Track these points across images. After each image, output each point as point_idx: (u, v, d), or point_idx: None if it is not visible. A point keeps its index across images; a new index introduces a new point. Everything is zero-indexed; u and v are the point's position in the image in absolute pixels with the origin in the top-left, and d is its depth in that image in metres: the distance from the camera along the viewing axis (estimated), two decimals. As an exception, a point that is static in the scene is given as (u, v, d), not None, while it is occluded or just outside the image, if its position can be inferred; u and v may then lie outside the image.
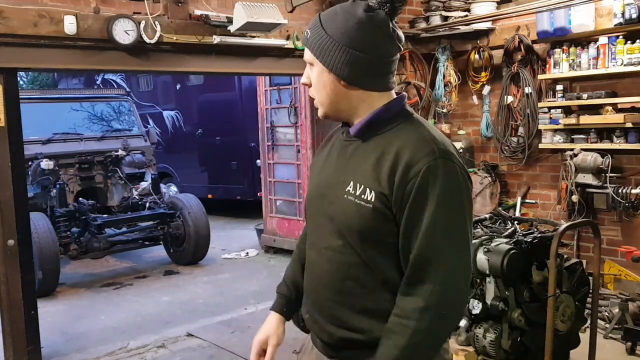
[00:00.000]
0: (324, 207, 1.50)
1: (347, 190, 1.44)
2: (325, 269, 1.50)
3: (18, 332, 3.96)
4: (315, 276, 1.54)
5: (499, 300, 3.05)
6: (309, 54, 1.49)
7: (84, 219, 6.56)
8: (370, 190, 1.40)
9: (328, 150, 1.59)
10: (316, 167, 1.62)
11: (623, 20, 4.54)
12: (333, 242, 1.47)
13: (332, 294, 1.48)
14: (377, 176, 1.40)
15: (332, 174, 1.51)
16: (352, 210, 1.42)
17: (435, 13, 5.74)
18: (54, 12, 3.88)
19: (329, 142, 1.63)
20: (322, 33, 1.44)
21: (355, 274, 1.44)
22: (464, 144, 6.08)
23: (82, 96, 8.34)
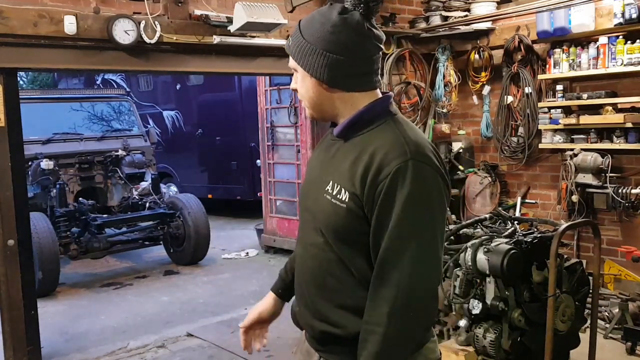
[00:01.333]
0: (309, 205, 1.57)
1: (326, 189, 1.48)
2: (310, 264, 1.55)
3: (18, 332, 3.96)
4: (302, 271, 1.60)
5: (499, 300, 3.05)
6: (292, 61, 1.54)
7: (84, 219, 6.56)
8: (345, 191, 1.43)
9: (319, 150, 1.65)
10: (309, 166, 1.68)
11: (623, 20, 4.54)
12: (316, 239, 1.52)
13: (315, 288, 1.54)
14: (351, 177, 1.42)
15: (317, 173, 1.57)
16: (329, 210, 1.46)
17: (435, 13, 5.74)
18: (54, 12, 3.88)
19: (323, 142, 1.66)
20: (301, 39, 1.49)
21: (334, 271, 1.48)
22: (464, 144, 6.08)
23: (82, 96, 8.34)
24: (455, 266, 3.31)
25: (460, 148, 6.05)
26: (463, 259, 3.21)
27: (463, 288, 3.19)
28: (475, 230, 3.60)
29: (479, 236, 3.37)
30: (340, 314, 1.48)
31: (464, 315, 3.21)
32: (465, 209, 6.05)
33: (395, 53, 5.68)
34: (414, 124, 6.28)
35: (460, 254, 3.25)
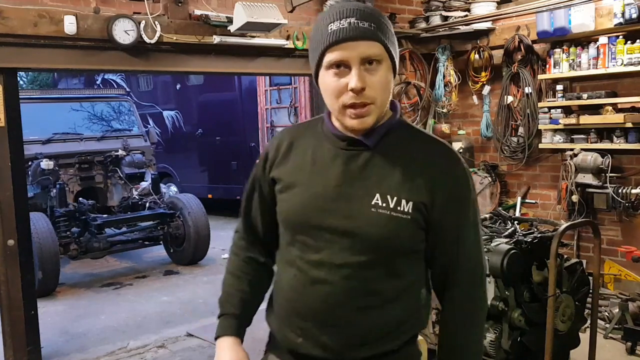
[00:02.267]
0: (333, 223, 1.37)
1: (374, 203, 1.35)
2: (342, 286, 1.37)
3: (18, 332, 3.96)
4: (324, 296, 1.38)
5: (499, 300, 3.05)
6: (376, 49, 1.31)
7: (84, 219, 6.56)
8: (407, 201, 1.35)
9: (309, 161, 1.43)
10: (296, 178, 1.43)
11: (623, 20, 4.54)
12: (350, 259, 1.37)
13: (356, 312, 1.38)
14: (413, 186, 1.36)
15: (338, 187, 1.38)
16: (386, 224, 1.35)
17: (435, 13, 5.74)
18: (54, 12, 3.88)
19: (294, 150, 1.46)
20: (381, 23, 1.33)
21: (378, 287, 1.39)
22: (464, 144, 6.08)
23: (82, 96, 8.34)
24: (455, 266, 3.30)
25: (460, 148, 6.05)
26: (463, 259, 3.21)
27: (463, 288, 3.18)
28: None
29: (479, 236, 3.36)
30: (392, 326, 1.41)
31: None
32: (465, 209, 6.04)
33: (395, 53, 5.67)
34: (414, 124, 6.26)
35: (460, 254, 3.25)
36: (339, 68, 1.31)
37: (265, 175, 1.51)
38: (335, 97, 1.33)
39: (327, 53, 1.31)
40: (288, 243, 1.46)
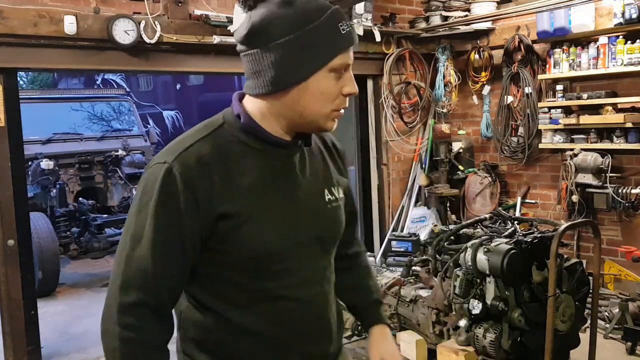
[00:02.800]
0: (307, 234, 1.31)
1: (327, 200, 1.36)
2: (324, 293, 1.37)
3: (18, 332, 3.96)
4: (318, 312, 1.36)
5: (499, 300, 3.05)
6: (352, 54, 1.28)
7: (84, 219, 6.56)
8: (339, 187, 1.43)
9: (261, 179, 1.26)
10: (255, 204, 1.24)
11: (623, 20, 4.54)
12: (324, 262, 1.38)
13: (332, 313, 1.40)
14: (335, 171, 1.45)
15: (297, 197, 1.31)
16: (336, 215, 1.39)
17: (435, 13, 5.74)
18: (54, 12, 3.88)
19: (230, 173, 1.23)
20: None
21: (333, 280, 1.44)
22: (464, 144, 6.08)
23: (82, 96, 8.36)
24: (455, 266, 3.31)
25: (460, 148, 6.05)
26: (463, 259, 3.21)
27: (463, 288, 3.19)
28: (475, 230, 3.60)
29: (479, 236, 3.37)
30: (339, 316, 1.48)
31: (464, 315, 3.21)
32: (465, 209, 6.05)
33: (395, 53, 5.68)
34: (414, 123, 6.14)
35: (460, 254, 3.25)
36: (339, 73, 1.24)
37: (198, 217, 1.19)
38: (330, 102, 1.25)
39: (339, 56, 1.23)
40: (259, 279, 1.26)
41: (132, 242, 1.20)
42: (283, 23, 1.19)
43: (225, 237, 1.22)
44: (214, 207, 1.19)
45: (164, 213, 1.18)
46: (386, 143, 5.84)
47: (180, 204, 1.18)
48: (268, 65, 1.21)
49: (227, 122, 1.30)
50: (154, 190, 1.18)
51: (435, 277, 3.56)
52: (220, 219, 1.20)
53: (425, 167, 6.04)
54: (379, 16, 5.59)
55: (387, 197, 5.92)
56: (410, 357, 3.64)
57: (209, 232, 1.21)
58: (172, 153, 1.21)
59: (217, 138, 1.26)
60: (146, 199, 1.19)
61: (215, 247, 1.23)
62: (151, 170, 1.22)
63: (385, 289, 3.84)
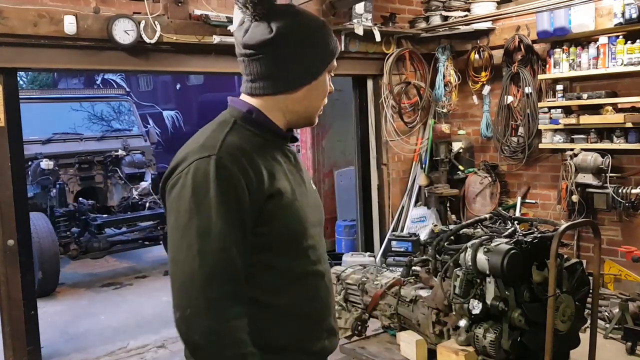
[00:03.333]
0: (316, 216, 1.51)
1: (314, 188, 1.56)
2: (330, 270, 1.56)
3: (18, 332, 3.96)
4: (331, 286, 1.54)
5: (499, 300, 3.05)
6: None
7: (84, 219, 6.56)
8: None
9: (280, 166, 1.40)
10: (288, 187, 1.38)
11: (623, 20, 4.54)
12: (324, 243, 1.54)
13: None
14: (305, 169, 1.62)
15: (303, 182, 1.48)
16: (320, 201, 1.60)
17: (435, 13, 5.74)
18: (54, 12, 3.88)
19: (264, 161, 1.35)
20: None
21: None
22: (464, 144, 6.08)
23: (82, 96, 8.36)
24: (455, 266, 3.30)
25: (460, 148, 6.05)
26: (463, 259, 3.21)
27: (463, 288, 3.18)
28: (475, 230, 3.60)
29: (479, 236, 3.36)
30: None
31: (464, 315, 3.21)
32: (465, 209, 6.05)
33: (395, 53, 5.68)
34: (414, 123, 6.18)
35: (460, 254, 3.25)
36: (329, 74, 1.49)
37: (251, 202, 1.28)
38: (324, 98, 1.49)
39: (333, 60, 1.48)
40: (293, 259, 1.39)
41: (200, 237, 1.23)
42: (300, 32, 1.40)
43: (270, 218, 1.32)
44: (264, 189, 1.30)
45: (227, 202, 1.24)
46: (386, 143, 5.84)
47: (238, 191, 1.26)
48: (285, 68, 1.39)
49: (239, 119, 1.41)
50: (210, 182, 1.24)
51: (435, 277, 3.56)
52: (268, 199, 1.31)
53: (425, 167, 6.04)
54: (379, 16, 5.59)
55: (387, 197, 5.92)
56: (410, 357, 3.64)
57: (258, 213, 1.29)
58: (210, 147, 1.29)
59: (238, 133, 1.37)
60: (202, 192, 1.24)
61: (260, 231, 1.31)
62: (195, 166, 1.26)
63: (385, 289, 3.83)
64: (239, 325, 1.26)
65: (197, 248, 1.22)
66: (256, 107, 1.42)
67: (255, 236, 1.31)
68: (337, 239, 6.60)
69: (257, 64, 1.40)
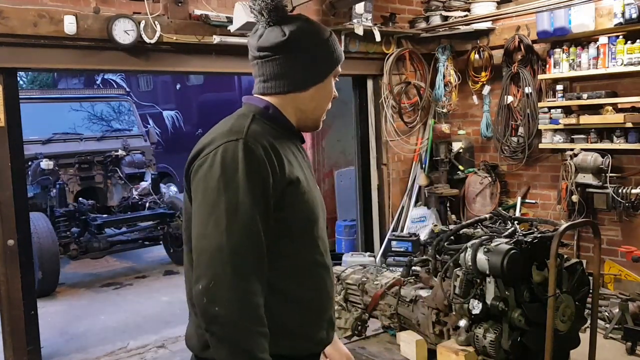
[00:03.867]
0: (323, 211, 1.59)
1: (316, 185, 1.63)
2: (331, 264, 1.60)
3: (18, 332, 3.96)
4: (333, 278, 1.62)
5: (499, 300, 3.05)
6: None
7: (84, 219, 6.56)
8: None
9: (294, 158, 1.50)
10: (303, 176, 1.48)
11: (623, 20, 4.54)
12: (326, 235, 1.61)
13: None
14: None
15: (312, 177, 1.59)
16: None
17: (435, 13, 5.74)
18: (54, 12, 3.88)
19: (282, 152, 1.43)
20: None
21: None
22: (464, 144, 6.08)
23: (82, 96, 8.35)
24: (455, 266, 3.31)
25: (460, 148, 6.05)
26: (463, 259, 3.21)
27: (463, 288, 3.18)
28: (475, 230, 3.60)
29: (479, 236, 3.36)
30: None
31: (464, 315, 3.21)
32: (465, 209, 6.05)
33: (395, 53, 5.68)
34: (414, 123, 6.16)
35: (460, 254, 3.25)
36: (334, 79, 1.59)
37: (274, 184, 1.35)
38: (330, 101, 1.59)
39: (339, 65, 1.57)
40: (305, 246, 1.47)
41: (228, 213, 1.28)
42: (310, 37, 1.51)
43: (290, 203, 1.39)
44: (285, 175, 1.38)
45: (254, 182, 1.31)
46: (386, 143, 5.84)
47: (263, 174, 1.33)
48: (297, 68, 1.49)
49: (257, 113, 1.48)
50: (238, 162, 1.31)
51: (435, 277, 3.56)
52: (289, 185, 1.39)
53: (425, 167, 6.04)
54: (379, 16, 5.59)
55: (387, 197, 5.92)
56: (410, 357, 3.64)
57: (278, 197, 1.36)
58: (237, 132, 1.37)
59: (259, 124, 1.44)
60: (231, 172, 1.30)
61: (279, 215, 1.37)
62: (224, 148, 1.33)
63: (385, 289, 3.83)
64: (259, 302, 1.30)
65: (225, 223, 1.28)
66: (272, 104, 1.51)
67: (275, 221, 1.37)
68: (337, 239, 6.59)
69: (270, 65, 1.49)
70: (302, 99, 1.53)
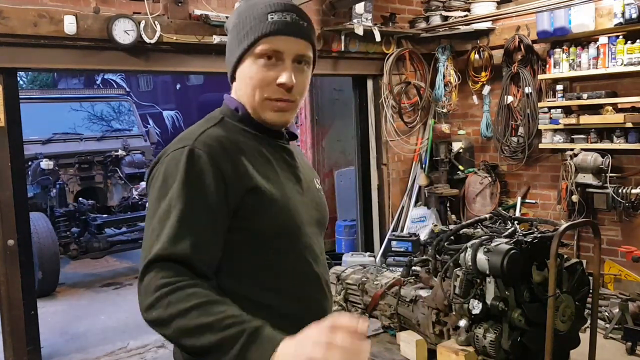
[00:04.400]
0: (314, 215, 1.41)
1: (318, 187, 1.50)
2: (325, 273, 1.42)
3: (18, 332, 3.96)
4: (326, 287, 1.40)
5: (499, 300, 3.05)
6: (309, 51, 1.33)
7: (84, 219, 6.56)
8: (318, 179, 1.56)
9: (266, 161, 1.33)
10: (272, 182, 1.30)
11: (623, 20, 4.54)
12: (321, 245, 1.43)
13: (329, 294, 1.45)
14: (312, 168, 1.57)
15: (299, 180, 1.40)
16: (326, 203, 1.52)
17: (435, 13, 5.74)
18: (54, 12, 3.88)
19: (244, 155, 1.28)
20: (315, 31, 1.37)
21: None
22: (464, 144, 6.08)
23: (82, 96, 8.36)
24: (455, 266, 3.31)
25: (460, 148, 6.05)
26: (463, 259, 3.21)
27: (463, 288, 3.19)
28: (475, 230, 3.60)
29: (479, 236, 3.37)
30: None
31: (464, 315, 3.21)
32: (465, 209, 6.05)
33: (395, 53, 5.68)
34: (414, 123, 6.12)
35: (460, 254, 3.25)
36: (270, 59, 1.28)
37: (227, 192, 1.21)
38: (259, 89, 1.30)
39: (263, 41, 1.28)
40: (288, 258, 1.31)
41: (159, 220, 1.18)
42: (235, 13, 1.33)
43: (254, 211, 1.24)
44: (242, 182, 1.23)
45: (192, 188, 1.18)
46: (386, 143, 5.84)
47: (208, 179, 1.19)
48: (228, 51, 1.35)
49: (226, 115, 1.35)
50: (178, 171, 1.19)
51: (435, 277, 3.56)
52: (249, 193, 1.23)
53: (425, 167, 6.04)
54: (379, 16, 5.59)
55: (387, 197, 5.93)
56: (410, 357, 3.64)
57: (237, 206, 1.22)
58: (187, 139, 1.25)
59: (223, 128, 1.31)
60: (170, 180, 1.20)
61: (244, 224, 1.23)
62: (170, 157, 1.23)
63: (385, 289, 3.84)
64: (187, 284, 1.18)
65: (157, 233, 1.17)
66: (241, 103, 1.35)
67: (240, 230, 1.23)
68: (337, 239, 6.60)
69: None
70: (235, 90, 1.36)
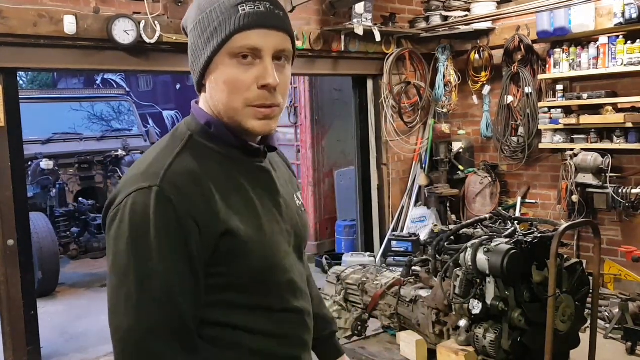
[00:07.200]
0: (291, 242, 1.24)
1: (298, 205, 1.31)
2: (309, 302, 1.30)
3: (18, 332, 3.96)
4: (309, 322, 1.28)
5: (499, 300, 3.05)
6: (289, 44, 1.14)
7: (84, 219, 6.56)
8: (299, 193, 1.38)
9: (242, 192, 1.15)
10: (248, 219, 1.13)
11: (623, 20, 4.54)
12: (302, 271, 1.28)
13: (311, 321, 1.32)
14: (292, 177, 1.39)
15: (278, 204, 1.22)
16: (307, 221, 1.36)
17: (435, 13, 5.74)
18: (54, 12, 3.88)
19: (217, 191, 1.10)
20: (285, 13, 1.17)
21: None
22: (464, 144, 6.08)
23: (82, 96, 8.35)
24: (455, 266, 3.31)
25: (460, 148, 6.06)
26: (463, 259, 3.21)
27: (463, 288, 3.19)
28: (475, 230, 3.60)
29: (479, 236, 3.36)
30: None
31: (464, 315, 3.21)
32: (465, 209, 6.05)
33: (395, 53, 5.68)
34: (414, 123, 6.12)
35: (460, 254, 3.25)
36: (246, 58, 1.09)
37: (201, 239, 1.06)
38: (237, 94, 1.10)
39: (236, 37, 1.08)
40: (264, 296, 1.17)
41: (138, 287, 1.05)
42: (194, 8, 1.13)
43: (228, 256, 1.09)
44: (216, 225, 1.07)
45: (168, 243, 1.03)
46: (386, 143, 5.84)
47: (184, 229, 1.04)
48: (191, 53, 1.14)
49: (195, 133, 1.15)
50: (149, 220, 1.03)
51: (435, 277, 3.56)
52: (223, 236, 1.07)
53: (425, 167, 6.04)
54: (379, 16, 5.59)
55: (387, 197, 5.93)
56: (410, 357, 3.64)
57: (211, 252, 1.07)
58: (152, 175, 1.05)
59: (194, 152, 1.12)
60: (142, 231, 1.03)
61: (218, 270, 1.09)
62: (134, 198, 1.04)
63: (385, 289, 3.83)
64: None
65: (135, 299, 1.05)
66: (212, 116, 1.15)
67: (213, 276, 1.09)
68: (337, 239, 6.60)
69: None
70: (205, 98, 1.16)
